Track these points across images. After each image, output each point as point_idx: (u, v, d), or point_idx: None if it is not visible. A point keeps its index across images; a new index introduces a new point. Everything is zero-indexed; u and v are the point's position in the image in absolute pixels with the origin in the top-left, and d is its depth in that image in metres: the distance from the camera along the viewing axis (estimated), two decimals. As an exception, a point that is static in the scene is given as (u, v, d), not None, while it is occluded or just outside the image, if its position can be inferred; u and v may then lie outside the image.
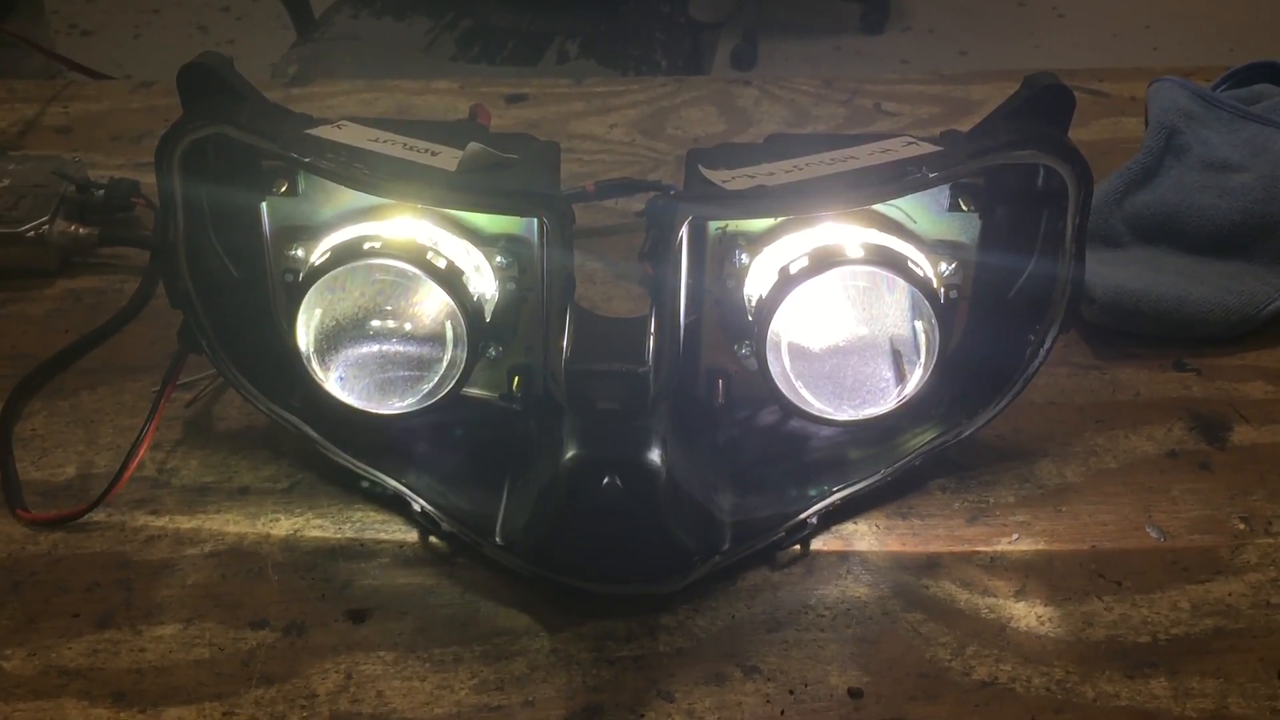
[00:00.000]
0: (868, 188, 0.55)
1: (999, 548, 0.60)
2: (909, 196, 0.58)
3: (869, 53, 2.97)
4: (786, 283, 0.56)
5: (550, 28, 1.76)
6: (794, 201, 0.55)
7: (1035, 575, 0.59)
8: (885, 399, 0.58)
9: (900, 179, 0.55)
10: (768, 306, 0.56)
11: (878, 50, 2.98)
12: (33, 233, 0.76)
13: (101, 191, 0.80)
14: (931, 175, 0.55)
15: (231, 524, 0.60)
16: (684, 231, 0.54)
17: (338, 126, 0.58)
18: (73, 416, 0.67)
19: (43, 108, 0.96)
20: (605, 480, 0.54)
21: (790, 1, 3.12)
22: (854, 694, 0.53)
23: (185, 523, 0.61)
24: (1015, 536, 0.61)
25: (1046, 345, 0.60)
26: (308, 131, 0.57)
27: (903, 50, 2.98)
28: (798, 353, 0.57)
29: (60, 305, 0.76)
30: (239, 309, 0.61)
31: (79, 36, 2.88)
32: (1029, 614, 0.57)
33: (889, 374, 0.58)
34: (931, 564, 0.59)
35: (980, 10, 3.14)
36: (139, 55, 2.78)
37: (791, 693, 0.53)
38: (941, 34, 3.05)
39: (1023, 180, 0.59)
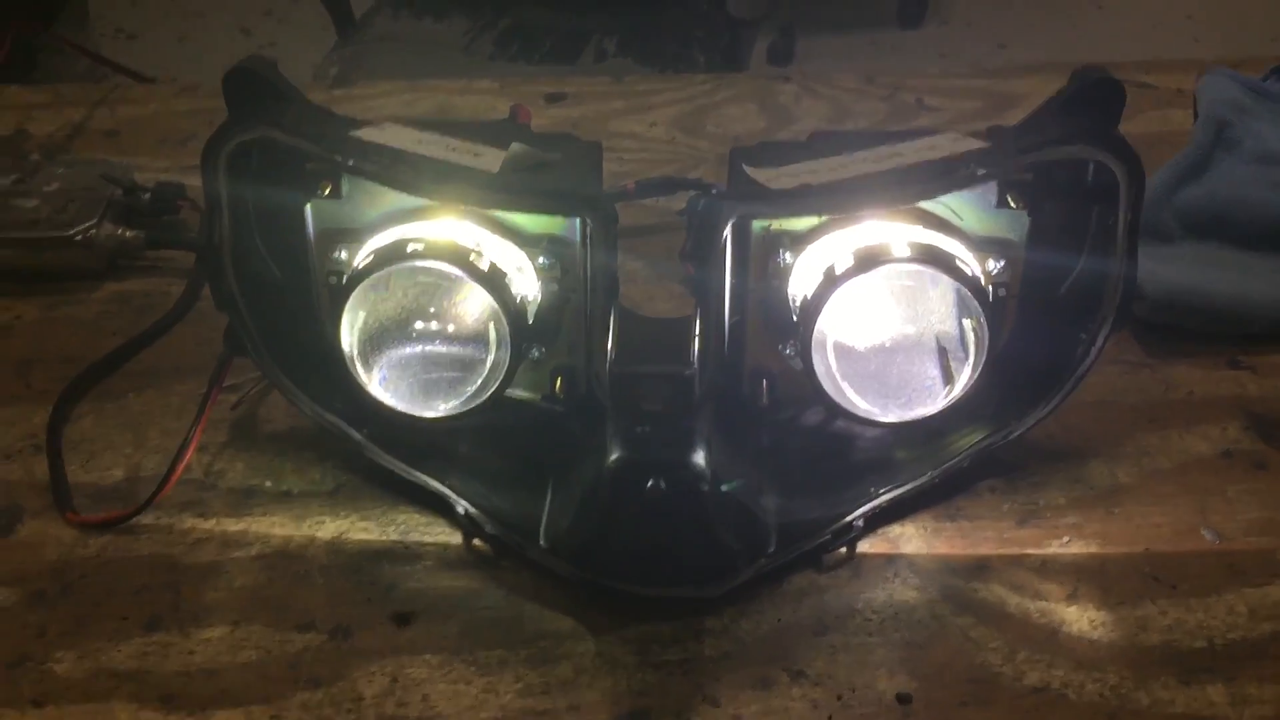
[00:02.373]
0: (915, 185, 0.54)
1: (1050, 550, 0.59)
2: (956, 193, 0.57)
3: (906, 47, 2.94)
4: (832, 282, 0.55)
5: (588, 26, 1.76)
6: (840, 199, 0.54)
7: (1087, 578, 0.58)
8: (933, 399, 0.58)
9: (949, 176, 0.54)
10: (812, 306, 0.55)
11: (915, 44, 2.95)
12: (80, 236, 0.77)
13: (148, 195, 0.80)
14: (980, 172, 0.54)
15: (278, 526, 0.61)
16: (728, 231, 0.54)
17: (381, 128, 0.58)
18: (120, 419, 0.67)
19: (89, 111, 0.97)
20: (650, 483, 0.53)
21: (827, -4, 3.09)
22: (903, 699, 0.52)
23: (232, 525, 0.61)
24: (1066, 539, 0.60)
25: (1098, 344, 0.59)
26: (351, 134, 0.57)
27: (940, 44, 2.94)
28: (843, 352, 0.57)
29: (108, 308, 0.76)
30: (284, 311, 0.61)
31: (124, 40, 2.91)
32: (1081, 618, 0.56)
33: (936, 373, 0.57)
34: (981, 567, 0.58)
35: (1018, 2, 3.10)
36: (184, 58, 2.80)
37: (839, 698, 0.53)
38: (979, 27, 3.01)
39: (1072, 176, 0.58)
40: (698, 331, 0.54)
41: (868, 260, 0.55)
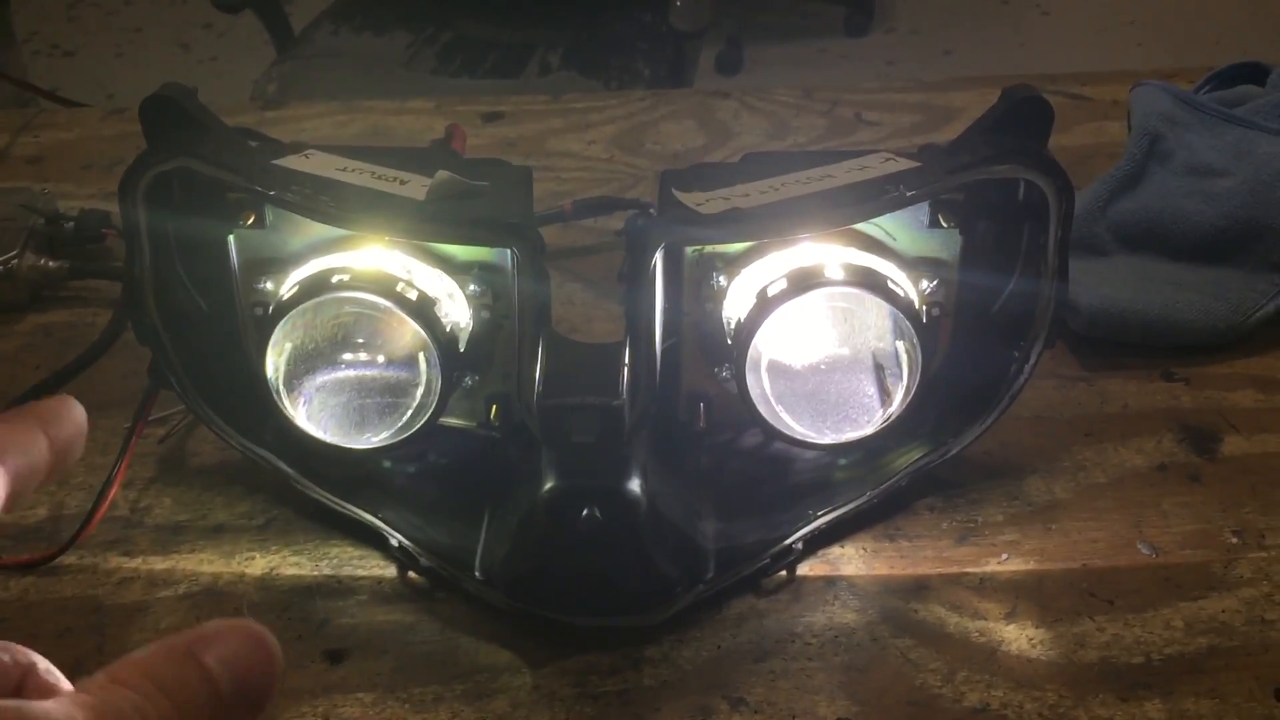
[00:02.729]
0: (845, 208, 0.54)
1: (989, 568, 0.59)
2: (888, 214, 0.57)
3: (854, 55, 2.96)
4: (765, 305, 0.55)
5: (531, 39, 1.75)
6: (770, 224, 0.54)
7: (1026, 596, 0.58)
8: (869, 420, 0.57)
9: (878, 198, 0.54)
10: (746, 329, 0.55)
11: (862, 52, 2.97)
12: (1, 268, 0.75)
13: (71, 223, 0.79)
14: (910, 194, 0.54)
15: (206, 563, 0.59)
16: (658, 257, 0.53)
17: (305, 156, 0.57)
18: (44, 456, 0.65)
19: (13, 138, 0.95)
20: (585, 511, 0.53)
21: (773, 6, 3.11)
22: (843, 724, 0.52)
23: (159, 563, 0.59)
24: (1005, 556, 0.60)
25: (1031, 362, 0.59)
26: (274, 162, 0.56)
27: (887, 52, 2.97)
28: (778, 375, 0.56)
29: (31, 341, 0.74)
30: (209, 342, 0.60)
31: (61, 57, 2.87)
32: (1020, 636, 0.56)
33: (873, 391, 0.57)
34: (920, 587, 0.58)
35: (964, 10, 3.14)
36: (122, 74, 2.76)
37: (779, 725, 0.52)
38: (925, 34, 3.04)
39: (1003, 194, 0.58)
40: (627, 360, 0.53)
41: (801, 283, 0.55)
